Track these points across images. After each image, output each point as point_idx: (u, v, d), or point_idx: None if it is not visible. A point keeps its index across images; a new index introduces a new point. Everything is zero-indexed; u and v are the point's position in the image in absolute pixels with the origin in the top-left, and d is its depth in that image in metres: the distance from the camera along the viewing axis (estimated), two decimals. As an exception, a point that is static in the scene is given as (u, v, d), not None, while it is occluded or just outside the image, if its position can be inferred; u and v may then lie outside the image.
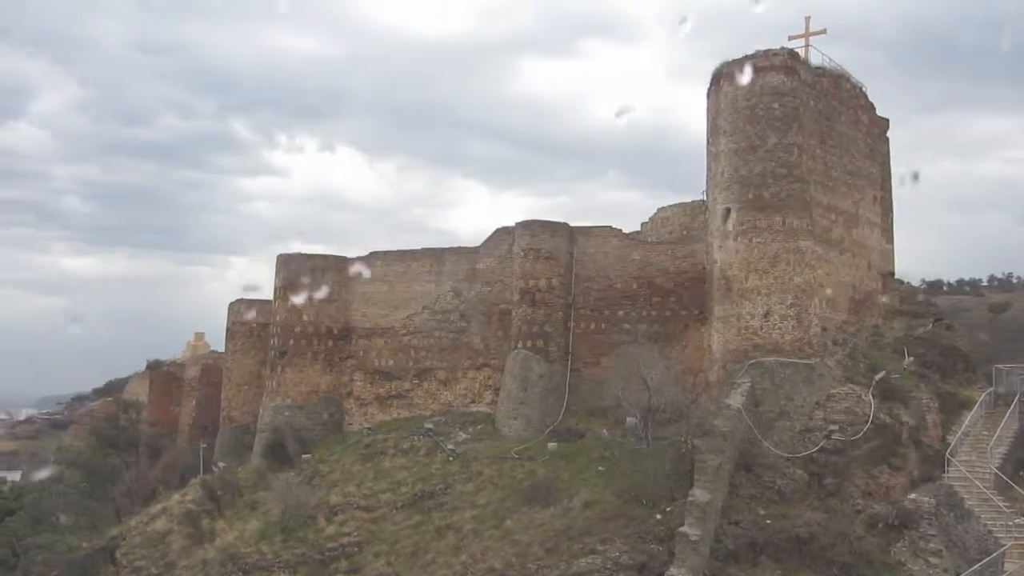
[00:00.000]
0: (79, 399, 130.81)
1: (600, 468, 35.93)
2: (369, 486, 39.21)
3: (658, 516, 31.84)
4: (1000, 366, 40.92)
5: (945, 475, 33.60)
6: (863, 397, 36.98)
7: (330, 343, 47.62)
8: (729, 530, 31.13)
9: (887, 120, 49.50)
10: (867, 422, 35.75)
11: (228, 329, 57.95)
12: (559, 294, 42.92)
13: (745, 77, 38.76)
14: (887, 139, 49.70)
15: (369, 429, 45.28)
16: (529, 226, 43.80)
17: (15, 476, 72.35)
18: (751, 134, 38.64)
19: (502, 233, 45.12)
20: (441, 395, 45.70)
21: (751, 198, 38.33)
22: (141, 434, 58.44)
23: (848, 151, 42.69)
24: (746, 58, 39.34)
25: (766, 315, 37.49)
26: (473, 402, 44.77)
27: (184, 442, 63.11)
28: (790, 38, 43.63)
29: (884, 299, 44.33)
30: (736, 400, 35.09)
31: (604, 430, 37.00)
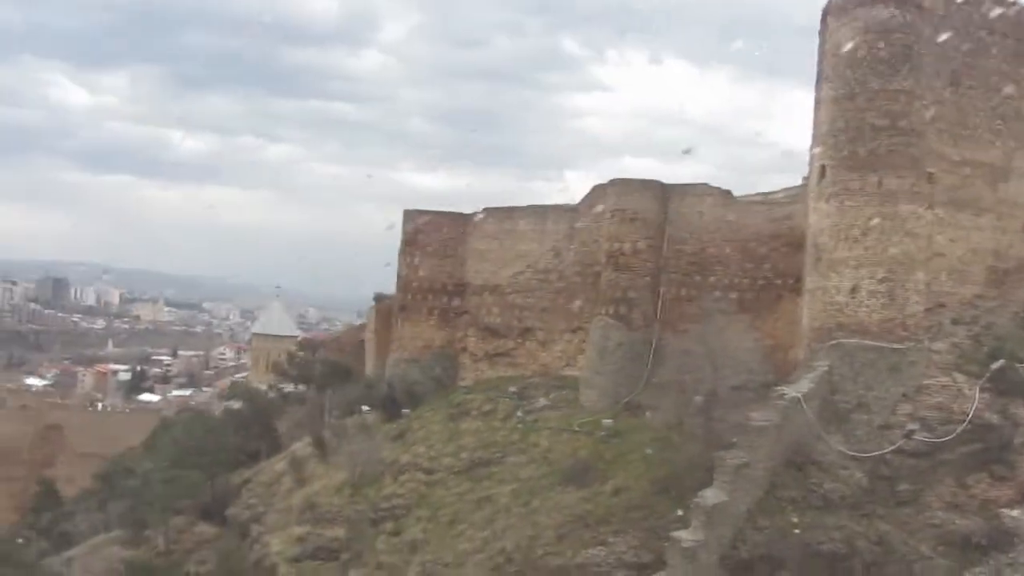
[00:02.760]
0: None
1: (648, 451, 33.69)
2: (438, 448, 39.54)
3: (679, 512, 29.42)
4: None
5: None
6: (965, 391, 31.46)
7: (445, 299, 47.73)
8: (751, 537, 28.17)
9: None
10: (964, 421, 30.52)
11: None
12: (646, 257, 39.65)
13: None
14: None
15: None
16: (618, 185, 40.72)
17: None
18: (851, 80, 33.37)
19: (599, 191, 42.28)
20: (540, 356, 44.34)
21: (845, 155, 33.26)
22: (317, 371, 61.79)
23: (999, 91, 35.65)
24: (856, -10, 33.86)
25: (853, 290, 32.73)
26: (568, 365, 43.03)
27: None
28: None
29: None
30: (802, 387, 31.32)
31: (648, 412, 34.34)
